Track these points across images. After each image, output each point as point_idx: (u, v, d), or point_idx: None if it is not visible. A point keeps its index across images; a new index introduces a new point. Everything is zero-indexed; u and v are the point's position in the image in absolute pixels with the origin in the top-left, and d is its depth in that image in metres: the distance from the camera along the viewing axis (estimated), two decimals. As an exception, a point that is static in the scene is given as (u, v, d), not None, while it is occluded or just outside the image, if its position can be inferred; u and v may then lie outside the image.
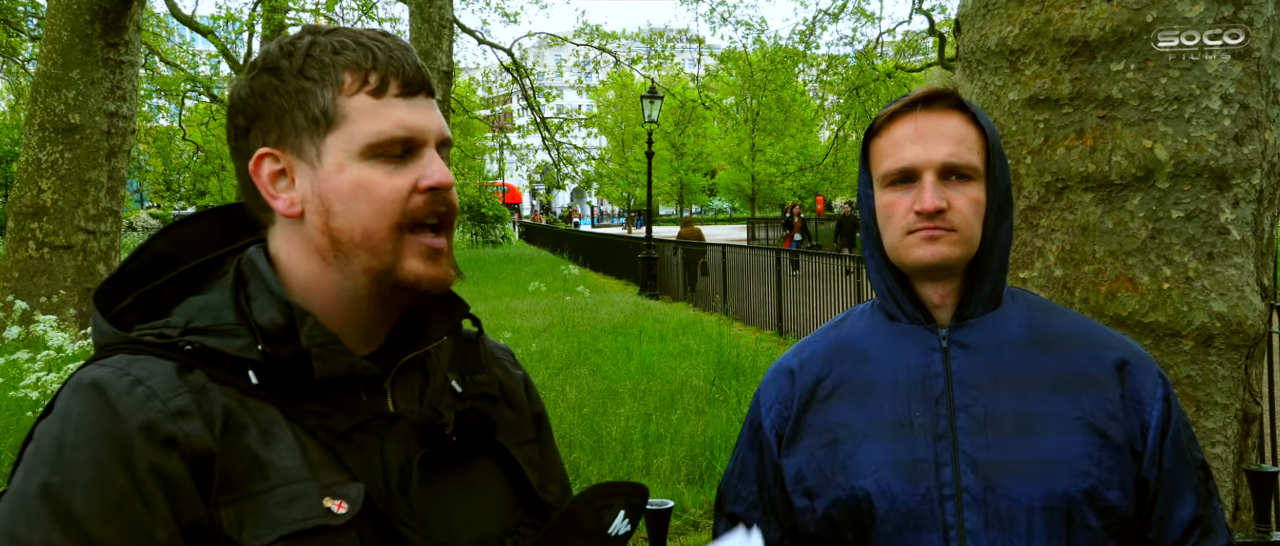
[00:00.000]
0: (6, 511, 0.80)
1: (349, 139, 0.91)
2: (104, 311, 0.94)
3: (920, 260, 1.21)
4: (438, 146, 0.96)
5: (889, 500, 1.18)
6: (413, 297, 0.95)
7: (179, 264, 1.00)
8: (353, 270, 0.93)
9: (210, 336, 0.89)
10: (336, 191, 0.92)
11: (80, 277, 8.69)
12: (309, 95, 0.92)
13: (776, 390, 1.33)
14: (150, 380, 0.85)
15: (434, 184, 0.93)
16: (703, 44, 32.56)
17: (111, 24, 8.74)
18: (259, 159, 0.94)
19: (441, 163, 0.95)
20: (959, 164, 1.20)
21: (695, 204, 56.46)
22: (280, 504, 0.85)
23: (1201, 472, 1.23)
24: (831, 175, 30.58)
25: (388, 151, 0.92)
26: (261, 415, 0.88)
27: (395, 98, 0.93)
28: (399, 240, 0.92)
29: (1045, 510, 1.15)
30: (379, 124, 0.91)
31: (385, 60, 0.93)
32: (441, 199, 0.94)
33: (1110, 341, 1.25)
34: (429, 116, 0.95)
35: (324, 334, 0.91)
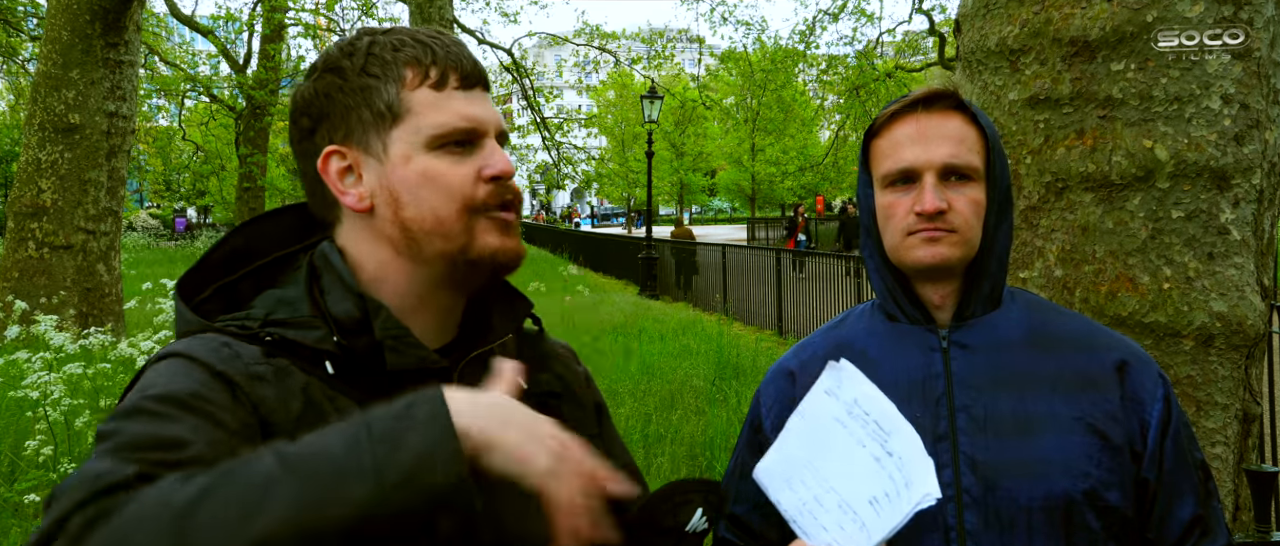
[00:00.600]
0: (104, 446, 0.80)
1: (414, 131, 0.95)
2: (187, 302, 0.98)
3: (921, 261, 1.21)
4: (496, 137, 1.00)
5: None
6: (487, 275, 0.99)
7: (255, 258, 1.04)
8: (426, 257, 0.96)
9: (289, 328, 0.93)
10: (405, 182, 0.95)
11: (80, 278, 8.69)
12: (373, 92, 0.96)
13: (776, 391, 1.33)
14: (237, 347, 0.90)
15: (497, 173, 0.97)
16: (703, 44, 32.57)
17: (111, 24, 8.74)
18: (327, 157, 0.97)
19: (502, 153, 0.99)
20: (959, 165, 1.20)
21: (695, 204, 56.47)
22: None
23: (1201, 473, 1.23)
24: (831, 175, 30.59)
25: (451, 141, 0.96)
26: (339, 404, 0.91)
27: (455, 90, 0.97)
28: (470, 223, 0.96)
29: (1044, 511, 1.15)
30: (442, 115, 0.95)
31: (443, 55, 0.97)
32: (505, 187, 0.98)
33: (1110, 342, 1.25)
34: (487, 108, 0.99)
35: (397, 326, 0.94)
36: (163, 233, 38.69)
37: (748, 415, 1.38)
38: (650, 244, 17.21)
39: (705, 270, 14.64)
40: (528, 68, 22.32)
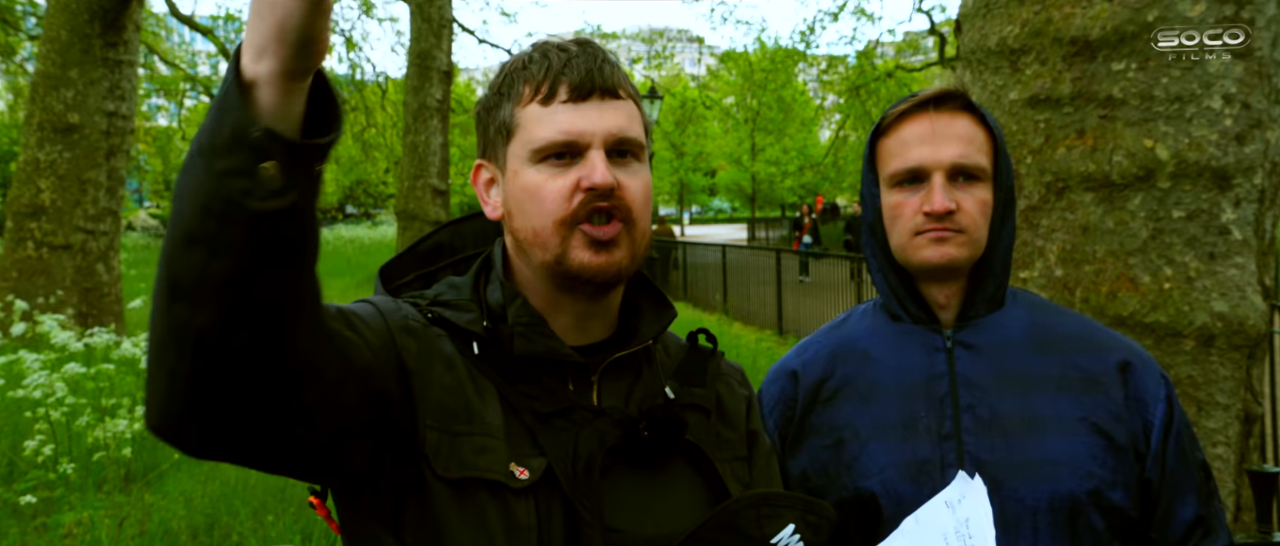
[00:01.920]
0: None
1: (522, 146, 1.00)
2: (385, 284, 1.10)
3: (929, 261, 1.21)
4: (612, 145, 1.00)
5: (895, 501, 1.18)
6: (590, 287, 1.00)
7: (455, 253, 1.15)
8: (534, 265, 1.02)
9: (448, 309, 1.02)
10: (515, 195, 1.02)
11: (79, 277, 8.68)
12: (498, 109, 1.03)
13: (779, 391, 1.33)
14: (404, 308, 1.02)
15: (591, 184, 0.97)
16: (703, 44, 32.58)
17: (110, 23, 8.73)
18: (476, 168, 1.08)
19: (602, 164, 0.98)
20: (968, 165, 1.20)
21: (695, 204, 56.45)
22: (474, 450, 0.94)
23: (1202, 473, 1.23)
24: (831, 175, 30.58)
25: (551, 154, 0.99)
26: (479, 383, 0.99)
27: (563, 103, 0.99)
28: (566, 236, 0.98)
29: (1050, 510, 1.15)
30: (543, 130, 0.99)
31: (558, 68, 1.00)
32: (601, 196, 0.98)
33: (1112, 342, 1.25)
34: (596, 119, 0.99)
35: (529, 314, 1.01)
36: (162, 233, 38.57)
37: None
38: (657, 244, 17.23)
39: (705, 271, 14.64)
40: (527, 67, 22.31)
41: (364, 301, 1.02)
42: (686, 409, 1.05)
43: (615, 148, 1.00)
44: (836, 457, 1.24)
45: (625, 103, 1.02)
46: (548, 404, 0.99)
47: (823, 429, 1.26)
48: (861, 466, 1.21)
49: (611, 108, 1.00)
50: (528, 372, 1.00)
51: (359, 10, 19.12)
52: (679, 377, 1.10)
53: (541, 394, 0.99)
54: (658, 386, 1.06)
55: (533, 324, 1.00)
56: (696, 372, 1.12)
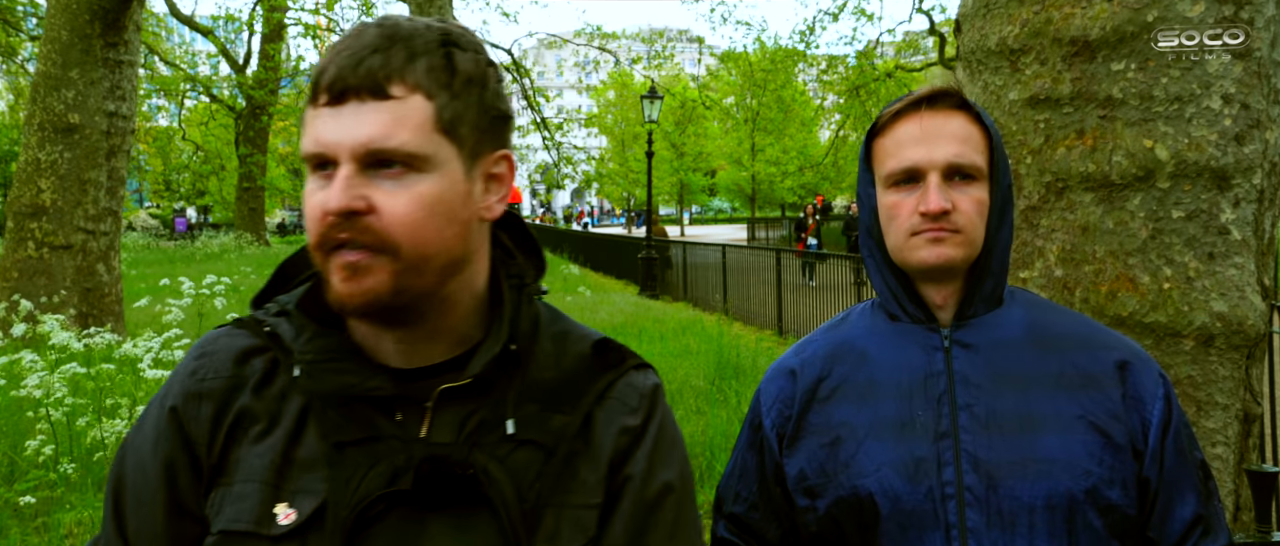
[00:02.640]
0: None
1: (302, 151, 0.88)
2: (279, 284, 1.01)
3: (925, 261, 1.20)
4: (364, 158, 0.84)
5: (892, 500, 1.18)
6: (350, 315, 0.88)
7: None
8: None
9: (283, 321, 0.94)
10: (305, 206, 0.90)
11: (79, 277, 8.69)
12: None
13: (777, 389, 1.32)
14: (210, 358, 0.95)
15: (324, 209, 0.83)
16: (703, 44, 32.58)
17: (111, 24, 8.73)
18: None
19: (336, 185, 0.83)
20: (964, 164, 1.19)
21: (695, 204, 56.46)
22: (232, 500, 0.88)
23: (1201, 472, 1.23)
24: (831, 175, 30.60)
25: (314, 166, 0.86)
26: (287, 408, 0.91)
27: (322, 106, 0.85)
28: (324, 261, 0.86)
29: (1047, 509, 1.15)
30: (304, 138, 0.86)
31: (327, 65, 0.85)
32: (342, 225, 0.83)
33: (1110, 341, 1.25)
34: (347, 127, 0.83)
35: (316, 351, 0.90)
36: (163, 233, 38.66)
37: (748, 414, 1.37)
38: (650, 244, 17.23)
39: (705, 271, 14.65)
40: (528, 67, 22.31)
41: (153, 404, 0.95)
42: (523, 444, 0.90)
43: (371, 161, 0.83)
44: (834, 456, 1.23)
45: (393, 103, 0.84)
46: (350, 432, 0.88)
47: (820, 428, 1.26)
48: (858, 465, 1.21)
49: (370, 111, 0.83)
50: (336, 399, 0.89)
51: (359, 10, 19.11)
52: (547, 398, 0.94)
53: (348, 421, 0.89)
54: (499, 416, 0.91)
55: (320, 360, 0.89)
56: (573, 393, 0.95)
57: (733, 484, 1.36)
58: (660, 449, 0.97)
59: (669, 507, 0.95)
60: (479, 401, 0.92)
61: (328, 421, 0.89)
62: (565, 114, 25.96)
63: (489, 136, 0.91)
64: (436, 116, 0.86)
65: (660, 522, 0.94)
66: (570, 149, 25.20)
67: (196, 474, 0.91)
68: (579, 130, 27.82)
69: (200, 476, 0.91)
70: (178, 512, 0.90)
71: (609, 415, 0.96)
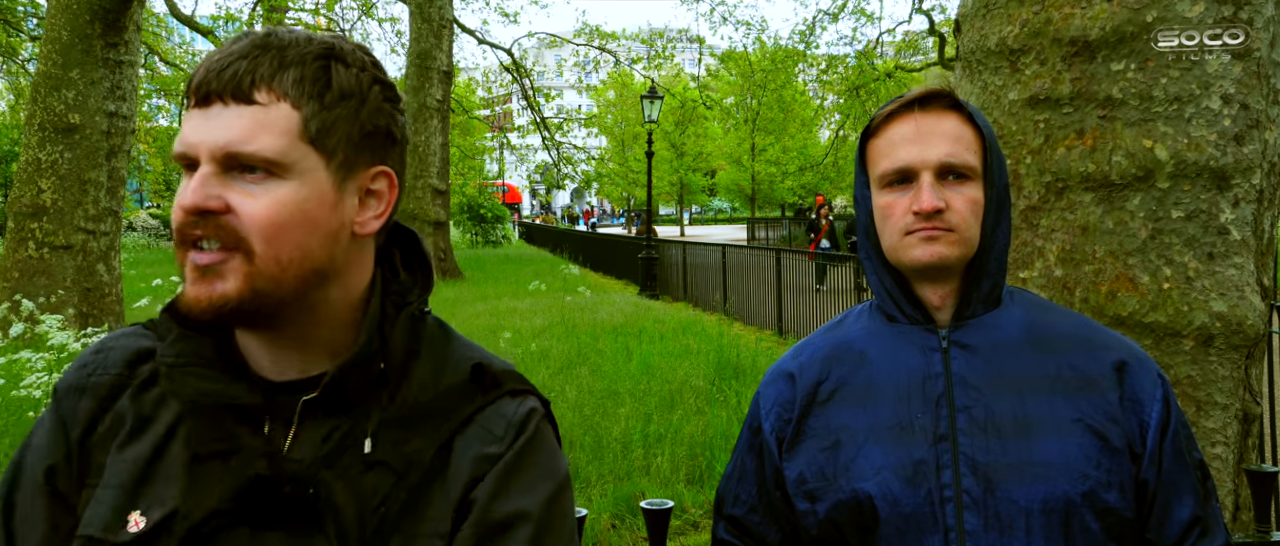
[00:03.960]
0: None
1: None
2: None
3: (919, 260, 1.21)
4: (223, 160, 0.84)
5: (891, 503, 1.18)
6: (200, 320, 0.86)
7: None
8: None
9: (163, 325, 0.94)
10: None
11: (80, 277, 8.69)
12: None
13: (776, 393, 1.32)
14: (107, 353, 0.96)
15: (179, 204, 0.84)
16: (703, 44, 32.56)
17: (111, 24, 8.74)
18: None
19: (193, 183, 0.84)
20: (956, 164, 1.20)
21: (695, 204, 56.48)
22: (94, 504, 0.89)
23: (1200, 473, 1.23)
24: (831, 175, 30.59)
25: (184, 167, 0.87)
26: (162, 414, 0.92)
27: (192, 109, 0.87)
28: (182, 260, 0.87)
29: (1044, 512, 1.15)
30: (177, 140, 0.87)
31: (200, 69, 0.87)
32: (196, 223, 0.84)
33: (1109, 342, 1.24)
34: (209, 128, 0.84)
35: (181, 356, 0.89)
36: (163, 233, 38.67)
37: (747, 417, 1.37)
38: (650, 244, 17.23)
39: (705, 271, 14.65)
40: (528, 68, 22.31)
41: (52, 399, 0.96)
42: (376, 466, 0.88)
43: (231, 164, 0.84)
44: (833, 460, 1.23)
45: (256, 108, 0.85)
46: (207, 442, 0.88)
47: (819, 431, 1.26)
48: (857, 468, 1.21)
49: (232, 115, 0.84)
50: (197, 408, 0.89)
51: (359, 10, 19.12)
52: (409, 420, 0.91)
53: (208, 431, 0.88)
54: (360, 434, 0.89)
55: (181, 363, 0.88)
56: (438, 416, 0.92)
57: (732, 486, 1.36)
58: (518, 475, 0.92)
59: (519, 537, 0.89)
60: (344, 419, 0.90)
61: (192, 430, 0.89)
62: (565, 114, 25.97)
63: (365, 151, 0.91)
64: (302, 126, 0.86)
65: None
66: (570, 149, 25.20)
67: (70, 466, 0.91)
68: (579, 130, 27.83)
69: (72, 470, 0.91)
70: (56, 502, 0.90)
71: (468, 442, 0.92)
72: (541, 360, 7.79)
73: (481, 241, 34.67)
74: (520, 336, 9.09)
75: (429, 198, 18.23)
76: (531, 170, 41.92)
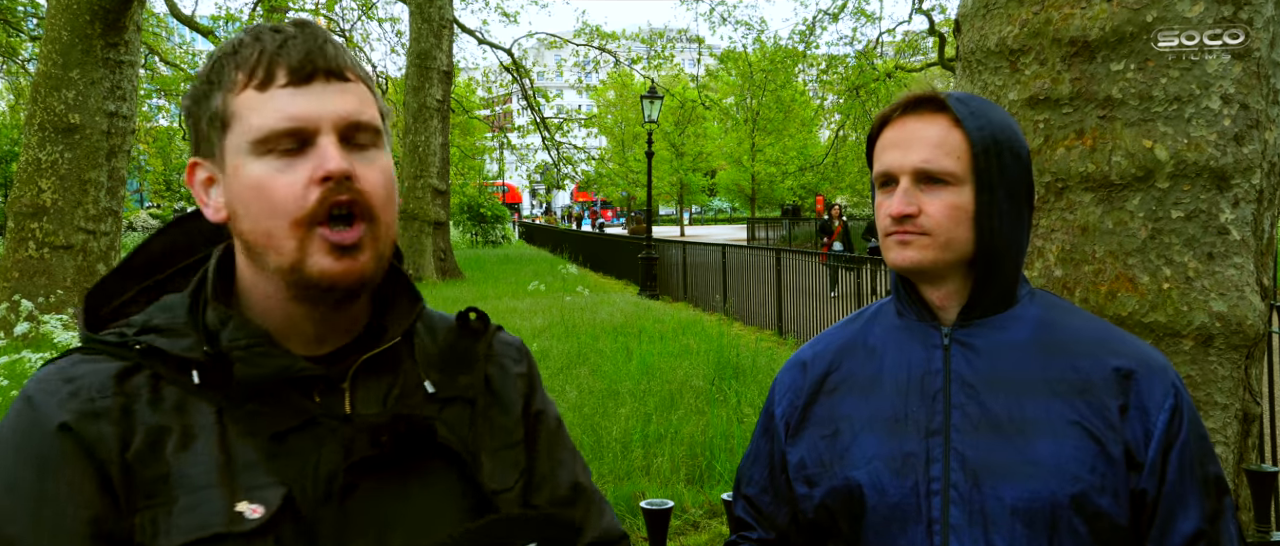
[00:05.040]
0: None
1: (240, 136, 0.88)
2: (95, 310, 0.96)
3: (894, 263, 1.25)
4: (344, 131, 0.89)
5: (878, 492, 1.21)
6: (332, 295, 0.90)
7: (190, 255, 1.02)
8: (268, 271, 0.91)
9: (160, 336, 0.90)
10: (237, 194, 0.90)
11: (80, 278, 8.69)
12: (209, 99, 0.91)
13: (789, 380, 1.38)
14: (83, 380, 0.87)
15: (325, 173, 0.86)
16: (703, 44, 32.58)
17: (111, 24, 8.74)
18: (191, 168, 0.95)
19: (334, 151, 0.87)
20: (932, 169, 1.21)
21: (695, 204, 56.51)
22: (184, 512, 0.84)
23: (1211, 487, 1.20)
24: (831, 175, 30.60)
25: (276, 146, 0.87)
26: (196, 417, 0.88)
27: (282, 88, 0.88)
28: (303, 239, 0.87)
29: (1029, 512, 1.15)
30: (262, 116, 0.87)
31: (273, 50, 0.89)
32: (341, 188, 0.87)
33: (1121, 348, 1.23)
34: (323, 102, 0.88)
35: (247, 336, 0.90)
36: (163, 233, 38.55)
37: (764, 403, 1.43)
38: (650, 244, 17.23)
39: (705, 271, 14.65)
40: (528, 67, 22.31)
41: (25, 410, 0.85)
42: (448, 403, 0.98)
43: (348, 134, 0.89)
44: (832, 447, 1.27)
45: (355, 85, 0.91)
46: (283, 421, 0.89)
47: (823, 419, 1.30)
48: (852, 456, 1.24)
49: (339, 90, 0.89)
50: (259, 389, 0.89)
51: (359, 10, 19.11)
52: (443, 366, 1.01)
53: (274, 411, 0.89)
54: (415, 382, 0.97)
55: (253, 345, 0.89)
56: (463, 358, 1.03)
57: (748, 467, 1.41)
58: (542, 387, 1.14)
59: (562, 428, 1.13)
60: (389, 376, 0.97)
61: (252, 416, 0.88)
62: (565, 114, 25.97)
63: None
64: (377, 105, 0.94)
65: (562, 441, 1.11)
66: (570, 149, 25.20)
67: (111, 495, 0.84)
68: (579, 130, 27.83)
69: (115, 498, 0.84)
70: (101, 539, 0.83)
71: (501, 369, 1.08)
72: (541, 360, 7.79)
73: (481, 241, 34.67)
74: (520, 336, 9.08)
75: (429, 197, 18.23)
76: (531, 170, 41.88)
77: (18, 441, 0.85)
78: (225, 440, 0.88)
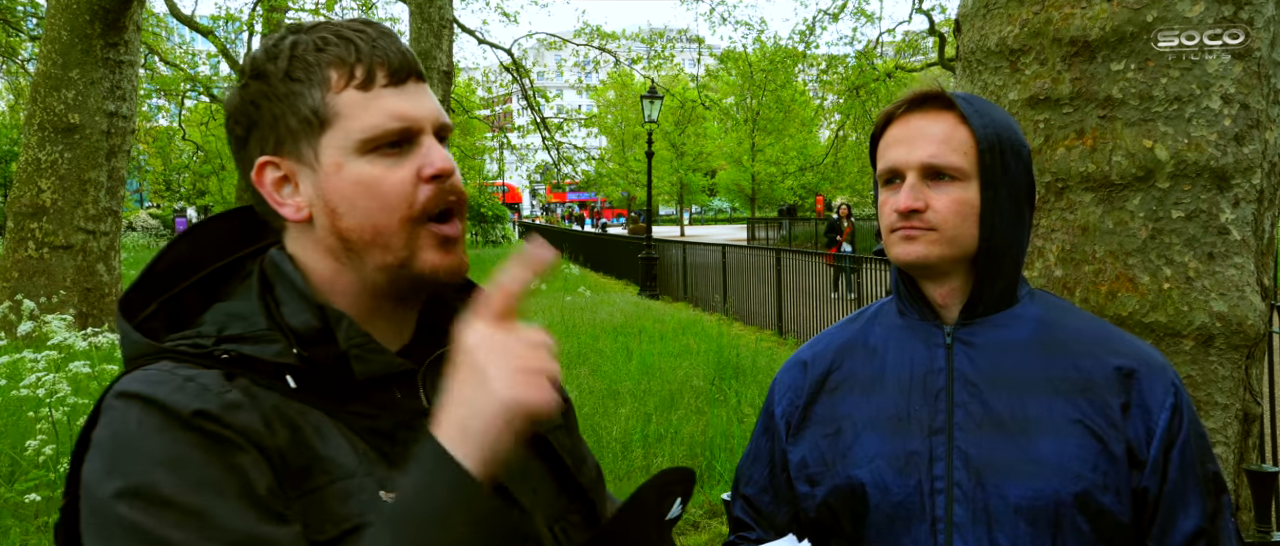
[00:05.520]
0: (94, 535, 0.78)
1: (344, 136, 0.90)
2: (129, 319, 0.92)
3: (899, 258, 1.25)
4: (436, 132, 0.94)
5: (882, 491, 1.21)
6: (432, 289, 0.96)
7: (200, 268, 0.99)
8: (367, 268, 0.92)
9: (245, 344, 0.88)
10: (340, 191, 0.90)
11: (80, 278, 8.69)
12: (298, 98, 0.91)
13: (790, 379, 1.38)
14: (199, 379, 0.83)
15: (437, 171, 0.91)
16: (703, 44, 32.58)
17: (111, 24, 8.74)
18: (261, 168, 0.93)
19: (441, 150, 0.92)
20: (940, 165, 1.21)
21: (695, 204, 56.51)
22: (339, 499, 0.84)
23: (1210, 485, 1.21)
24: (831, 175, 30.61)
25: (384, 143, 0.90)
26: (309, 416, 0.87)
27: (384, 88, 0.91)
28: (411, 233, 0.91)
29: (1033, 510, 1.15)
30: (371, 116, 0.90)
31: (368, 50, 0.91)
32: (448, 187, 0.92)
33: (1121, 347, 1.24)
34: (422, 103, 0.93)
35: (360, 334, 0.91)
36: (163, 233, 38.69)
37: (765, 401, 1.43)
38: (650, 244, 17.22)
39: (705, 271, 14.64)
40: (528, 67, 22.31)
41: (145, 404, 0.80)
42: None
43: (441, 133, 0.95)
44: (834, 446, 1.28)
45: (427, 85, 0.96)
46: (388, 419, 0.91)
47: (824, 419, 1.30)
48: (854, 455, 1.25)
49: (426, 91, 0.95)
50: (354, 390, 0.90)
51: (359, 10, 19.10)
52: None
53: (377, 409, 0.91)
54: None
55: (365, 343, 0.91)
56: None
57: (747, 466, 1.42)
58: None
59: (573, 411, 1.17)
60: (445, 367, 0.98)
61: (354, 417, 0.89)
62: (565, 114, 25.98)
63: None
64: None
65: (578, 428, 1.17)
66: (570, 149, 25.20)
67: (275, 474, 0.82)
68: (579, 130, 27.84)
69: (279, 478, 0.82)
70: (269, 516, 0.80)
71: None
72: (541, 360, 7.78)
73: (481, 241, 34.67)
74: (520, 336, 9.07)
75: (429, 198, 18.15)
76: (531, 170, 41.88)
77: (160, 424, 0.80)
78: (346, 436, 0.88)
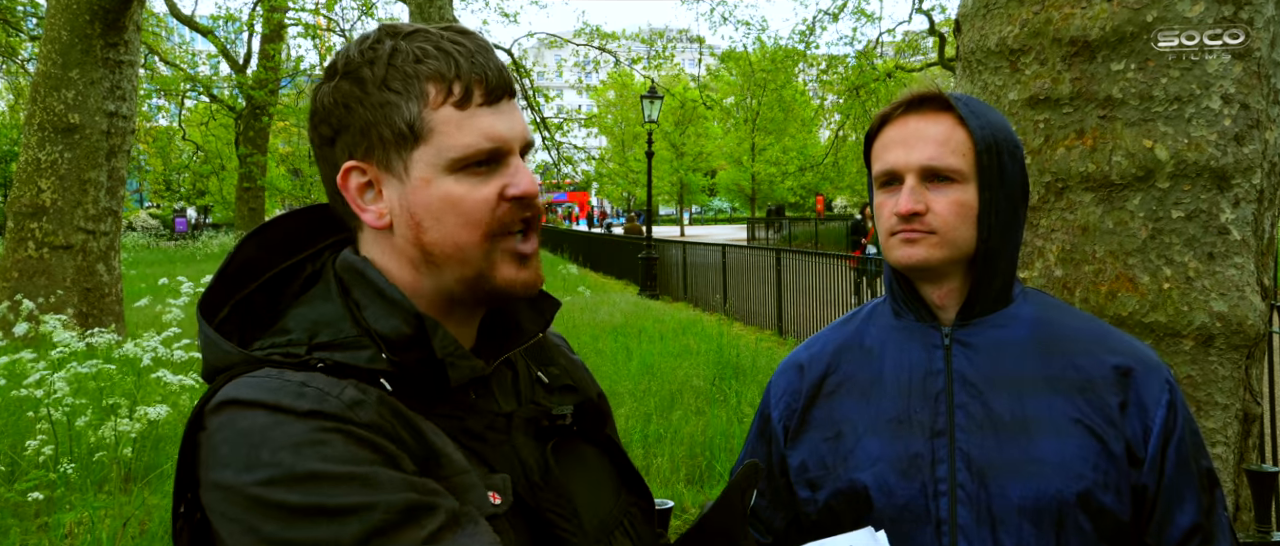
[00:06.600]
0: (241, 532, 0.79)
1: (436, 153, 0.90)
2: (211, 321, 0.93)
3: (899, 261, 1.24)
4: (524, 150, 0.96)
5: (885, 494, 1.21)
6: (506, 302, 0.99)
7: (266, 269, 0.99)
8: (446, 278, 0.94)
9: (336, 351, 0.89)
10: (426, 206, 0.91)
11: (80, 277, 8.69)
12: (394, 109, 0.91)
13: (786, 383, 1.37)
14: (313, 383, 0.84)
15: (520, 193, 0.93)
16: (703, 44, 32.58)
17: (111, 24, 8.74)
18: (346, 172, 0.93)
19: (527, 171, 0.95)
20: (939, 167, 1.21)
21: (695, 204, 56.52)
22: (460, 493, 0.86)
23: (1205, 481, 1.22)
24: (831, 175, 30.61)
25: (474, 162, 0.91)
26: (417, 422, 0.89)
27: (480, 107, 0.92)
28: (489, 249, 0.93)
29: (1036, 510, 1.16)
30: (465, 136, 0.91)
31: (468, 68, 0.92)
32: (528, 205, 0.94)
33: (1116, 345, 1.24)
34: (512, 123, 0.94)
35: (453, 342, 0.92)
36: (163, 233, 38.70)
37: (760, 405, 1.42)
38: (650, 244, 17.23)
39: (705, 271, 14.64)
40: (527, 67, 22.30)
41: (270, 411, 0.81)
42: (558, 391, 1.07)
43: (525, 151, 0.97)
44: (835, 450, 1.27)
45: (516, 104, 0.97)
46: (477, 420, 0.94)
47: (823, 422, 1.30)
48: (856, 459, 1.24)
49: (516, 109, 0.96)
50: (441, 394, 0.93)
51: (359, 10, 19.11)
52: (533, 359, 1.09)
53: (465, 412, 0.94)
54: (530, 376, 1.05)
55: (457, 350, 0.92)
56: (542, 351, 1.11)
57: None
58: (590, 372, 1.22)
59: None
60: (509, 371, 1.03)
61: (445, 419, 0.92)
62: (565, 114, 25.96)
63: None
64: None
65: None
66: (570, 149, 25.20)
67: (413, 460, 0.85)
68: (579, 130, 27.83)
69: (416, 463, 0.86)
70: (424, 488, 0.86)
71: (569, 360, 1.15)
72: (541, 360, 7.78)
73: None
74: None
75: (429, 198, 18.16)
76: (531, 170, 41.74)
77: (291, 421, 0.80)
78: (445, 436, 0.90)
